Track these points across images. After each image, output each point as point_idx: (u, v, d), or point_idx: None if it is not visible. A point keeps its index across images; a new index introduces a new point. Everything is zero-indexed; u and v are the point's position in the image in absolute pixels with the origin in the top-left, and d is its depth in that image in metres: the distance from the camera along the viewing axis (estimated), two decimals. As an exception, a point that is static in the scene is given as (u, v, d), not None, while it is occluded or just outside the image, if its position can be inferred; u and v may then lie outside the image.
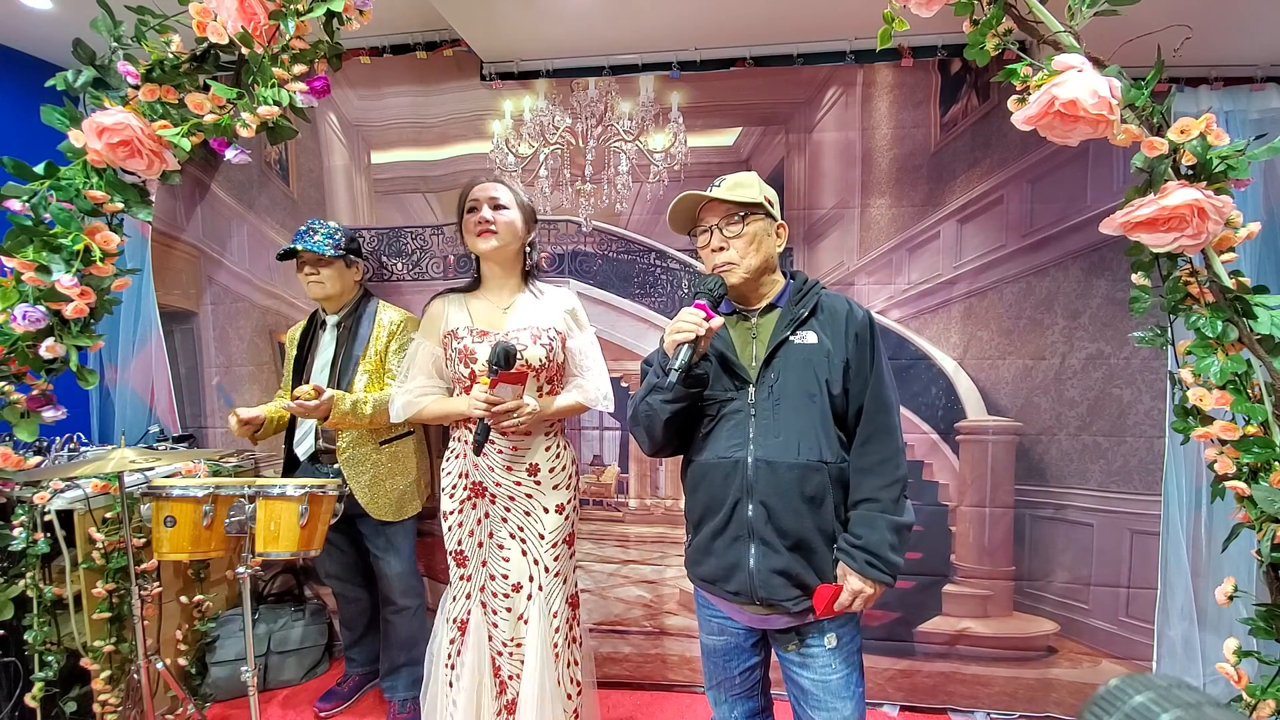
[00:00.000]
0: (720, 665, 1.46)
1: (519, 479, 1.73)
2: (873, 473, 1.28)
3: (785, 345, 1.32)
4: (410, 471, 2.19)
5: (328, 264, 2.09)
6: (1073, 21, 1.27)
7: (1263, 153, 1.23)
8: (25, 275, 1.37)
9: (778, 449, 1.28)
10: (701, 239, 1.39)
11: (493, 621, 1.75)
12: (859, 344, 1.31)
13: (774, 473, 1.27)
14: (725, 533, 1.32)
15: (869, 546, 1.24)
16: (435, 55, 2.38)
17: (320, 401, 1.87)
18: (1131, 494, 2.16)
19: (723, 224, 1.34)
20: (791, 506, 1.27)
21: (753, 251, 1.34)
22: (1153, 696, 0.45)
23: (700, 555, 1.38)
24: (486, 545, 1.77)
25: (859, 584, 1.25)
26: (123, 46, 1.45)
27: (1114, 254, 2.10)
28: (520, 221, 1.75)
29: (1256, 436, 1.26)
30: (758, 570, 1.28)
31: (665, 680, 2.47)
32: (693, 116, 2.32)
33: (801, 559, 1.28)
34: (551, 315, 1.77)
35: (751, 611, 1.33)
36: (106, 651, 1.99)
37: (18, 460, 1.52)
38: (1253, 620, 1.34)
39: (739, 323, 1.40)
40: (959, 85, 2.18)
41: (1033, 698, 2.26)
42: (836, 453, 1.29)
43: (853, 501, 1.30)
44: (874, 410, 1.30)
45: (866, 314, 1.35)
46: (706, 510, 1.35)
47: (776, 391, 1.30)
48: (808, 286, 1.39)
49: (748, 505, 1.29)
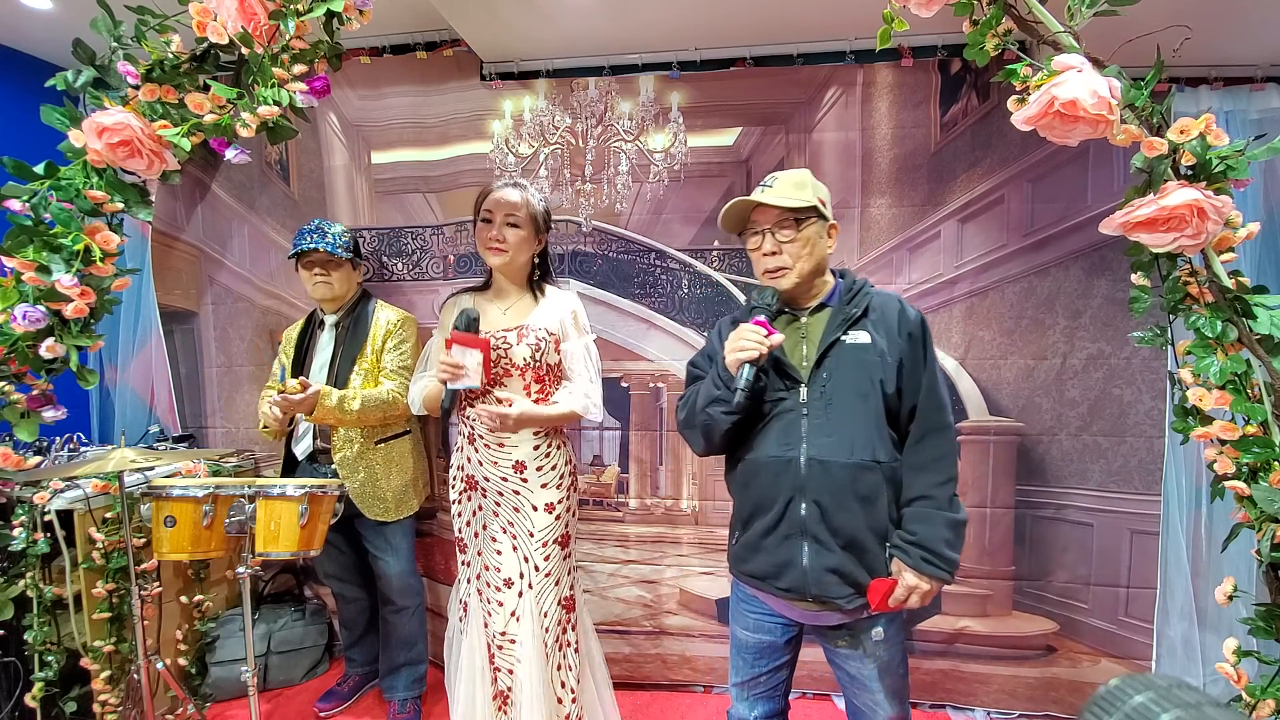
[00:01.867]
0: (750, 662, 1.46)
1: (505, 474, 1.75)
2: (927, 470, 1.29)
3: (837, 345, 1.32)
4: (407, 471, 2.19)
5: (338, 265, 2.10)
6: (1072, 22, 1.27)
7: (1262, 153, 1.23)
8: (25, 275, 1.37)
9: (831, 448, 1.28)
10: (753, 241, 1.37)
11: (487, 611, 1.78)
12: (912, 343, 1.31)
13: (827, 472, 1.28)
14: (776, 530, 1.33)
15: (925, 542, 1.25)
16: (435, 55, 2.38)
17: (305, 395, 1.88)
18: (1131, 494, 2.16)
19: (776, 228, 1.33)
20: (845, 505, 1.27)
21: (806, 255, 1.33)
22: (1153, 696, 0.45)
23: (748, 552, 1.38)
24: (481, 537, 1.81)
25: (914, 580, 1.26)
26: (123, 46, 1.45)
27: (1114, 254, 2.10)
28: (531, 235, 1.76)
29: (1256, 436, 1.26)
30: (811, 568, 1.29)
31: (665, 680, 2.47)
32: (693, 116, 2.32)
33: (854, 557, 1.28)
34: (548, 317, 1.79)
35: (803, 608, 1.35)
36: (106, 651, 1.99)
37: (18, 460, 1.52)
38: (1252, 620, 1.34)
39: (789, 323, 1.40)
40: (959, 85, 2.18)
41: (1032, 696, 2.26)
42: (890, 452, 1.29)
43: (906, 499, 1.30)
44: (929, 409, 1.31)
45: (919, 314, 1.35)
46: (757, 508, 1.36)
47: (829, 391, 1.30)
48: (858, 286, 1.38)
49: (800, 504, 1.30)
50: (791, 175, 1.35)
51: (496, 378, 1.73)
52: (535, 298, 1.84)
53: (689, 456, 2.44)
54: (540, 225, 1.80)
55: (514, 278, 1.82)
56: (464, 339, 1.58)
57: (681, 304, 2.38)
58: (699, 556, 2.45)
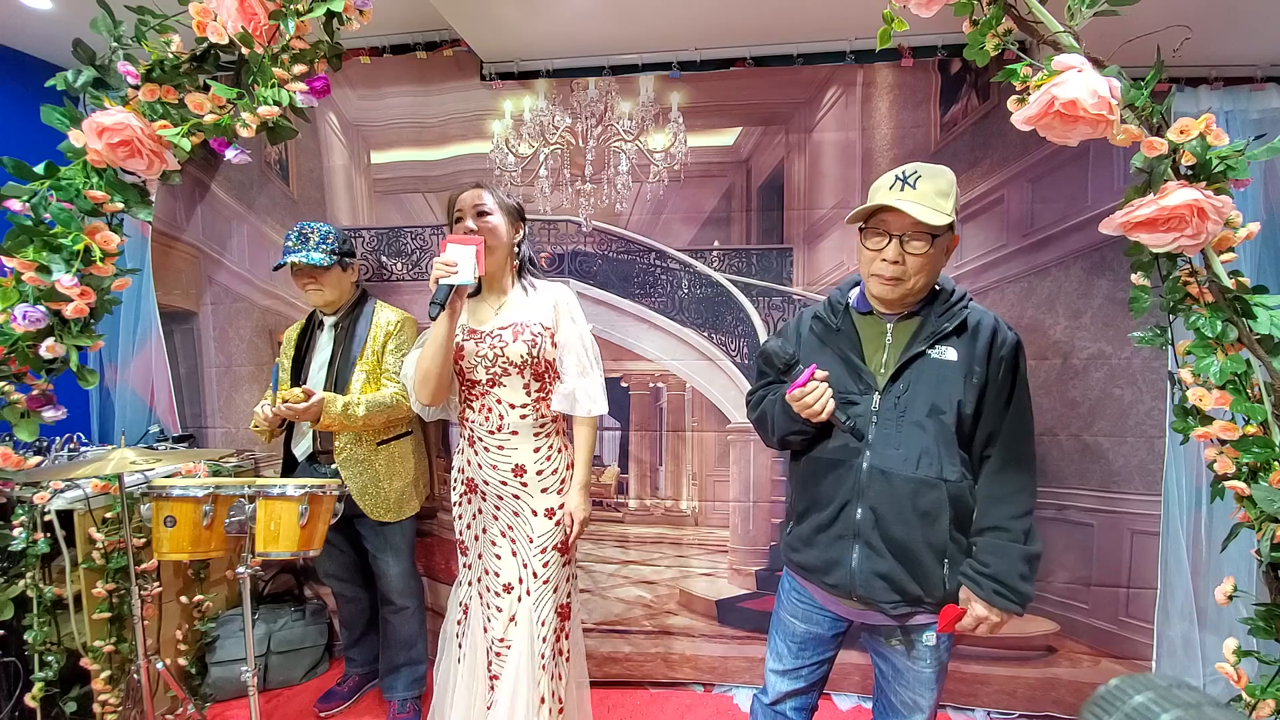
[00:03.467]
0: (794, 652, 1.47)
1: (504, 478, 1.72)
2: (1006, 502, 1.26)
3: (921, 359, 1.28)
4: (408, 471, 2.19)
5: (325, 272, 2.08)
6: (1072, 22, 1.26)
7: (1262, 153, 1.23)
8: (25, 275, 1.37)
9: (896, 460, 1.26)
10: (875, 241, 1.28)
11: (486, 617, 1.77)
12: (1003, 368, 1.26)
13: (889, 482, 1.26)
14: (830, 530, 1.32)
15: (998, 575, 1.23)
16: (435, 55, 2.38)
17: (309, 404, 1.88)
18: (1132, 494, 2.16)
19: (908, 238, 1.24)
20: (903, 518, 1.26)
21: (926, 271, 1.26)
22: (1153, 696, 0.45)
23: (801, 545, 1.39)
24: (481, 540, 1.79)
25: (984, 611, 1.24)
26: (123, 46, 1.45)
27: (1114, 254, 2.10)
28: (505, 224, 1.73)
29: (1256, 436, 1.26)
30: (860, 570, 1.29)
31: (666, 679, 2.47)
32: (693, 116, 2.32)
33: (905, 567, 1.27)
34: (539, 310, 1.75)
35: (849, 605, 1.35)
36: (106, 651, 1.99)
37: (18, 460, 1.52)
38: (1252, 620, 1.34)
39: (873, 325, 1.35)
40: (959, 85, 2.18)
41: (1032, 696, 2.26)
42: (957, 471, 1.26)
43: (980, 528, 1.27)
44: (1012, 439, 1.27)
45: (1016, 337, 1.29)
46: (813, 504, 1.36)
47: (903, 403, 1.27)
48: (956, 299, 1.31)
49: (856, 508, 1.29)
50: (936, 177, 1.24)
51: (495, 377, 1.70)
52: (524, 292, 1.79)
53: (689, 457, 2.44)
54: (515, 214, 1.77)
55: (497, 269, 1.76)
56: (459, 239, 1.59)
57: (681, 304, 2.38)
58: (699, 557, 2.45)
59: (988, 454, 1.29)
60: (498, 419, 1.71)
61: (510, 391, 1.71)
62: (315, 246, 2.06)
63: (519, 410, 1.71)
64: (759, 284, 2.33)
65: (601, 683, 2.43)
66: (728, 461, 2.41)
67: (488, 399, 1.72)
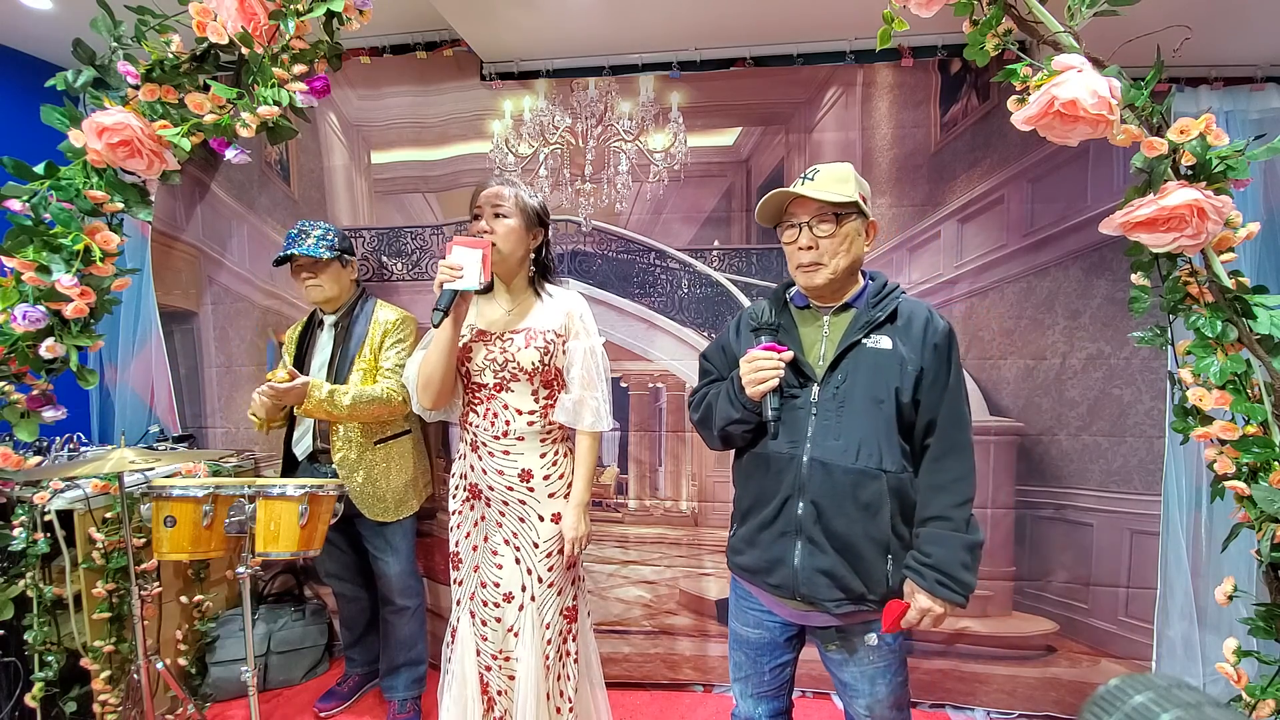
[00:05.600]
0: (751, 659, 1.45)
1: (511, 484, 1.68)
2: (946, 490, 1.26)
3: (857, 348, 1.28)
4: (407, 471, 2.18)
5: (325, 266, 2.08)
6: (1072, 22, 1.27)
7: (1262, 153, 1.23)
8: (25, 275, 1.37)
9: (836, 451, 1.26)
10: (788, 234, 1.33)
11: (481, 634, 1.71)
12: (937, 355, 1.27)
13: (829, 475, 1.26)
14: (772, 527, 1.31)
15: (940, 565, 1.22)
16: (435, 55, 2.38)
17: (293, 385, 1.86)
18: (1131, 494, 2.16)
19: (814, 222, 1.28)
20: (844, 511, 1.25)
21: (843, 253, 1.29)
22: (1153, 696, 0.45)
23: (744, 545, 1.38)
24: (481, 549, 1.73)
25: (928, 603, 1.23)
26: (123, 46, 1.45)
27: (1114, 254, 2.10)
28: (521, 226, 1.67)
29: (1256, 436, 1.26)
30: (802, 568, 1.28)
31: (666, 679, 2.47)
32: (693, 116, 2.32)
33: (847, 563, 1.26)
34: (553, 318, 1.70)
35: (792, 606, 1.34)
36: (106, 651, 1.99)
37: (18, 460, 1.52)
38: (1252, 620, 1.34)
39: (810, 320, 1.37)
40: (959, 85, 2.18)
41: (1032, 696, 2.26)
42: (898, 462, 1.26)
43: (922, 518, 1.27)
44: (949, 426, 1.27)
45: (948, 325, 1.31)
46: (756, 502, 1.35)
47: (842, 393, 1.27)
48: (887, 290, 1.34)
49: (798, 503, 1.28)
50: (834, 169, 1.30)
51: (503, 382, 1.66)
52: (539, 297, 1.74)
53: (688, 457, 2.44)
54: (533, 219, 1.70)
55: (511, 276, 1.72)
56: (465, 241, 1.53)
57: (681, 304, 2.38)
58: (698, 557, 2.45)
59: (927, 443, 1.29)
60: (504, 424, 1.66)
61: (518, 397, 1.66)
62: (316, 241, 2.07)
63: (526, 416, 1.67)
64: (759, 284, 2.33)
65: (601, 683, 2.43)
66: (727, 462, 2.41)
67: (494, 403, 1.67)
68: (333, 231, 2.13)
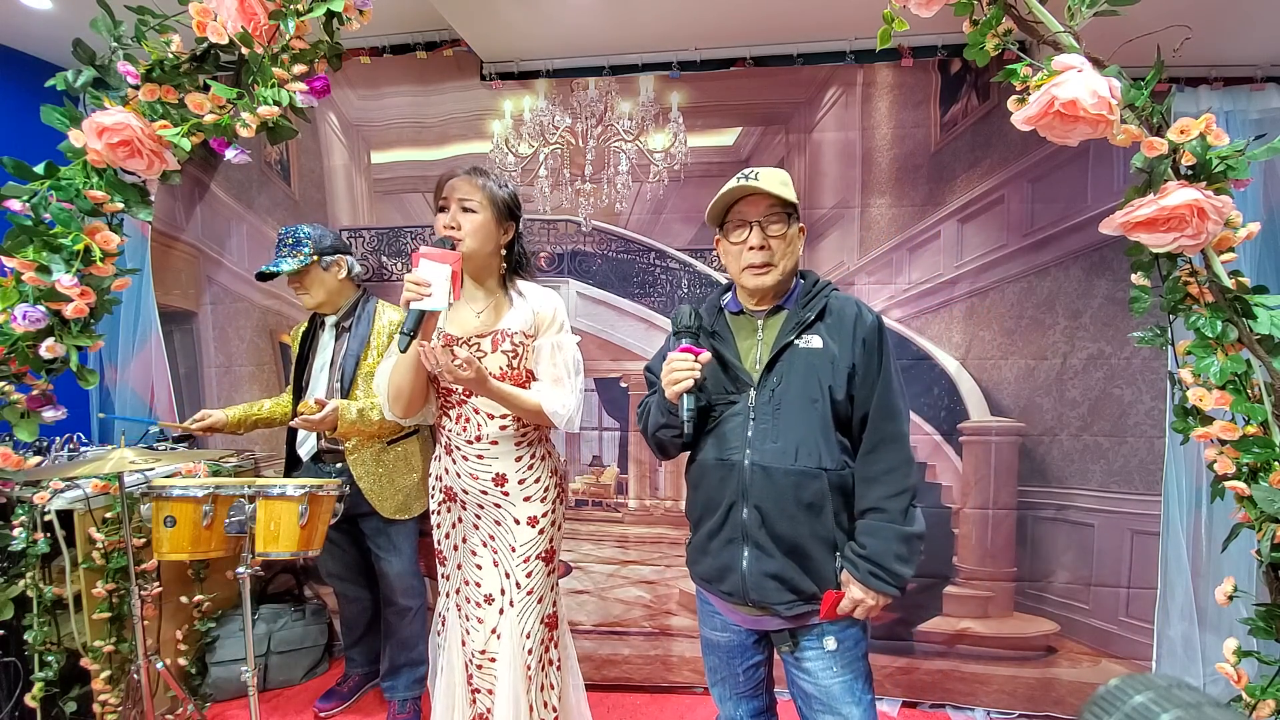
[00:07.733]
0: (724, 661, 1.45)
1: (485, 488, 1.63)
2: (879, 482, 1.26)
3: (789, 349, 1.28)
4: (417, 469, 2.19)
5: (306, 274, 2.06)
6: (1072, 21, 1.27)
7: (1262, 153, 1.23)
8: (25, 275, 1.37)
9: (774, 454, 1.26)
10: (737, 233, 1.30)
11: (465, 629, 1.70)
12: (866, 349, 1.27)
13: (769, 478, 1.25)
14: (720, 534, 1.32)
15: (873, 556, 1.22)
16: (435, 55, 2.38)
17: (324, 414, 1.87)
18: (1132, 494, 2.16)
19: (766, 221, 1.28)
20: (787, 513, 1.25)
21: (789, 254, 1.30)
22: (1153, 696, 0.45)
23: (698, 554, 1.38)
24: (461, 550, 1.71)
25: (860, 593, 1.23)
26: (123, 46, 1.45)
27: (1114, 254, 2.10)
28: (492, 221, 1.58)
29: (1256, 436, 1.26)
30: (750, 573, 1.28)
31: (665, 681, 2.47)
32: (693, 116, 2.32)
33: (796, 564, 1.26)
34: (523, 318, 1.63)
35: (745, 612, 1.33)
36: (106, 651, 1.99)
37: (18, 460, 1.52)
38: (1253, 620, 1.34)
39: (746, 324, 1.37)
40: (959, 85, 2.18)
41: (1032, 696, 2.26)
42: (838, 459, 1.26)
43: (859, 511, 1.27)
44: (880, 418, 1.27)
45: (876, 318, 1.30)
46: (705, 510, 1.35)
47: (778, 396, 1.27)
48: (817, 288, 1.34)
49: (742, 509, 1.28)
50: (775, 171, 1.30)
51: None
52: (509, 297, 1.66)
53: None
54: (504, 211, 1.60)
55: (481, 274, 1.64)
56: (433, 254, 1.43)
57: (681, 304, 2.38)
58: (699, 556, 2.45)
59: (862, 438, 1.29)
60: (476, 429, 1.61)
61: (489, 402, 1.60)
62: (289, 253, 2.04)
63: (498, 421, 1.61)
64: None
65: (601, 685, 2.43)
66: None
67: (465, 409, 1.62)
68: (308, 236, 2.07)
